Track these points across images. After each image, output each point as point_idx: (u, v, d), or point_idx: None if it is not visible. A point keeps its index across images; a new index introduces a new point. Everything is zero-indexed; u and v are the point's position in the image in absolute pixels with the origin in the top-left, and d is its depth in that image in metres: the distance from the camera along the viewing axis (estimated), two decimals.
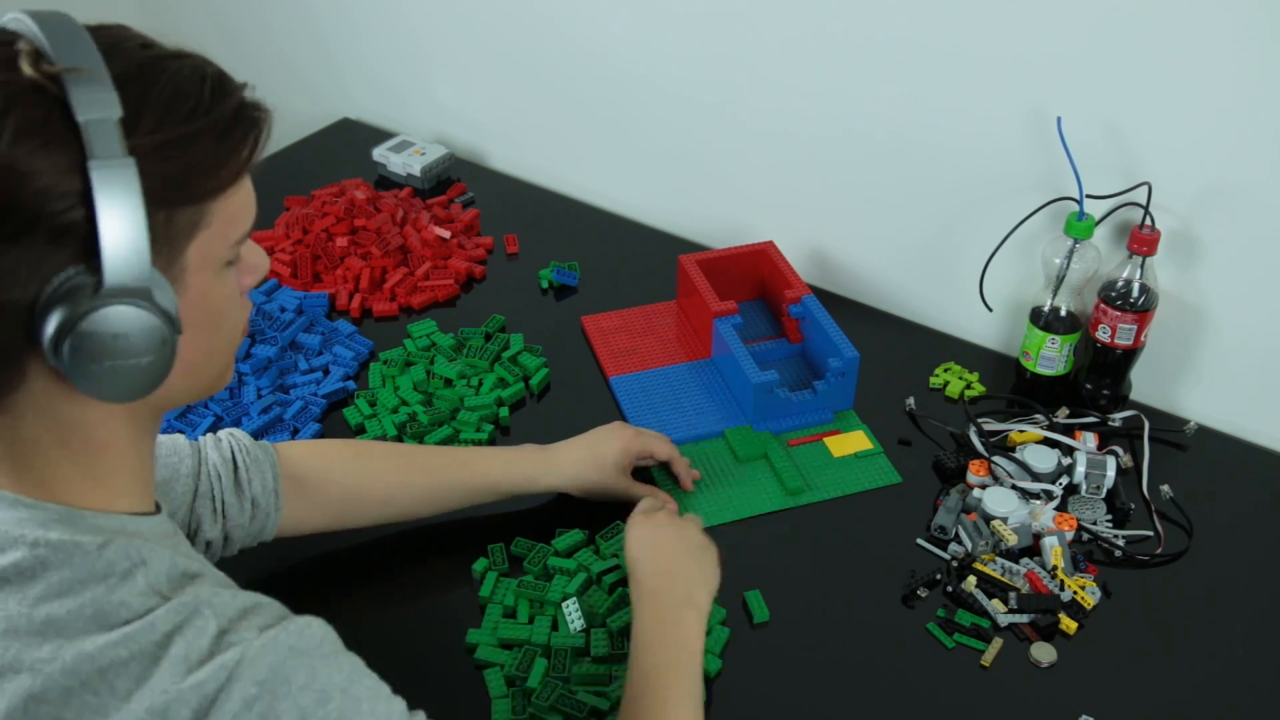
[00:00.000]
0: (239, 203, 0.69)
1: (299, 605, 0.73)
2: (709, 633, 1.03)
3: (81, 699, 0.63)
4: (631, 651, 0.92)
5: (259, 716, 0.65)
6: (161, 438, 0.94)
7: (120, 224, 0.61)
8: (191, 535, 0.96)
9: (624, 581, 1.04)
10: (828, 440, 1.26)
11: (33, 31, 0.63)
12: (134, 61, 0.64)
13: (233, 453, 0.98)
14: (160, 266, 0.65)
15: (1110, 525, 1.16)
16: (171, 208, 0.64)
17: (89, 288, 0.62)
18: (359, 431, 1.27)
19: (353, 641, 1.07)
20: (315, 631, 0.69)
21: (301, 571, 1.11)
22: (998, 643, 1.04)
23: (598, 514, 1.15)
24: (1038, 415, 1.28)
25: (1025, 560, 1.10)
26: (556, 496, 1.17)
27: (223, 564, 1.04)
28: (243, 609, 0.68)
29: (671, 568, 0.99)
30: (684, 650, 0.92)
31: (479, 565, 1.09)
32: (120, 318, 0.63)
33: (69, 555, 0.66)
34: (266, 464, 1.00)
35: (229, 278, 0.71)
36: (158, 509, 0.77)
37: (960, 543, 1.13)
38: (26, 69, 0.61)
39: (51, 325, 0.62)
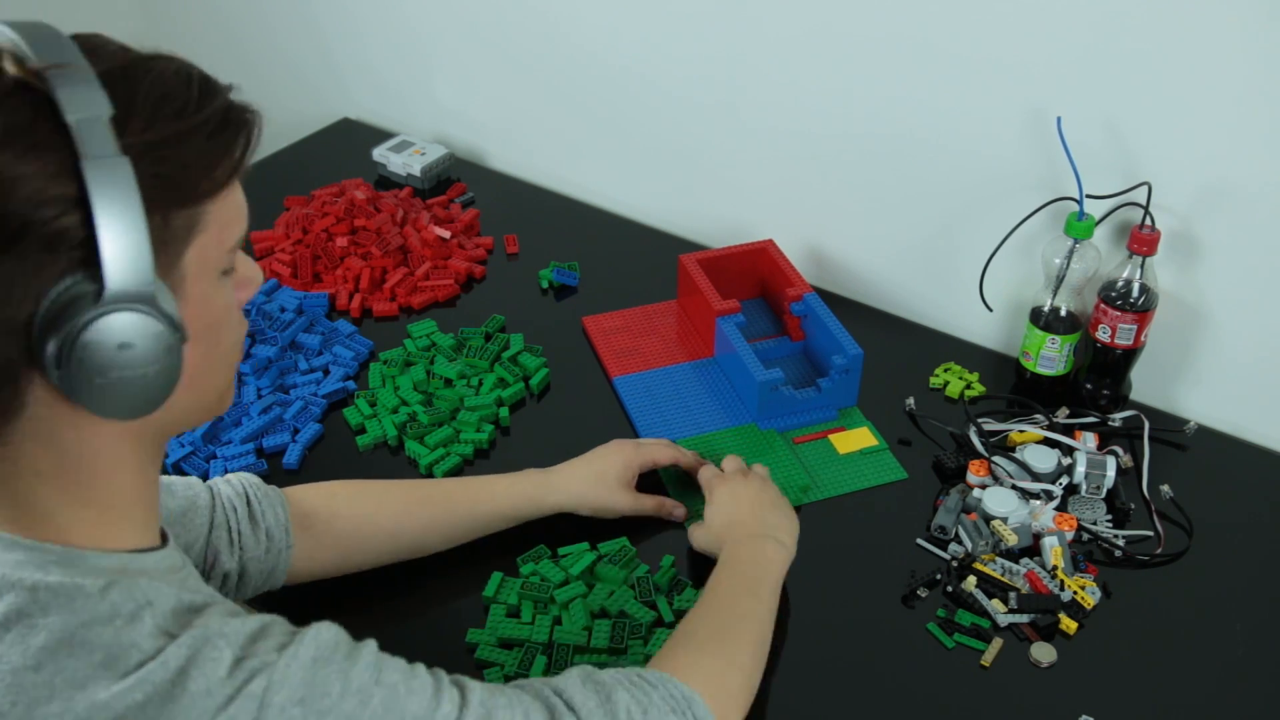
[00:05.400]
0: (233, 206, 0.68)
1: (306, 610, 0.73)
2: None
3: None
4: (710, 581, 0.97)
5: None
6: (174, 477, 0.93)
7: (119, 226, 0.59)
8: (209, 568, 0.94)
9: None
10: (833, 438, 1.26)
11: (10, 37, 0.61)
12: (117, 62, 0.62)
13: (244, 488, 0.98)
14: (159, 273, 0.62)
15: (1110, 525, 1.16)
16: (167, 210, 0.62)
17: (89, 296, 0.59)
18: (359, 432, 1.27)
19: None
20: (328, 636, 0.68)
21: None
22: (998, 643, 1.04)
23: (601, 532, 1.15)
24: (1038, 415, 1.28)
25: (1025, 560, 1.11)
26: (563, 516, 1.16)
27: None
28: (253, 633, 0.66)
29: (753, 513, 1.05)
30: (762, 574, 0.98)
31: (490, 588, 1.08)
32: (125, 325, 0.60)
33: (70, 599, 0.63)
34: (277, 500, 0.99)
35: (226, 288, 0.70)
36: (164, 540, 0.74)
37: (960, 543, 1.13)
38: (10, 67, 0.59)
39: (53, 339, 0.59)
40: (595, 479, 1.12)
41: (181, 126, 0.63)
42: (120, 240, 0.59)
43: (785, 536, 1.03)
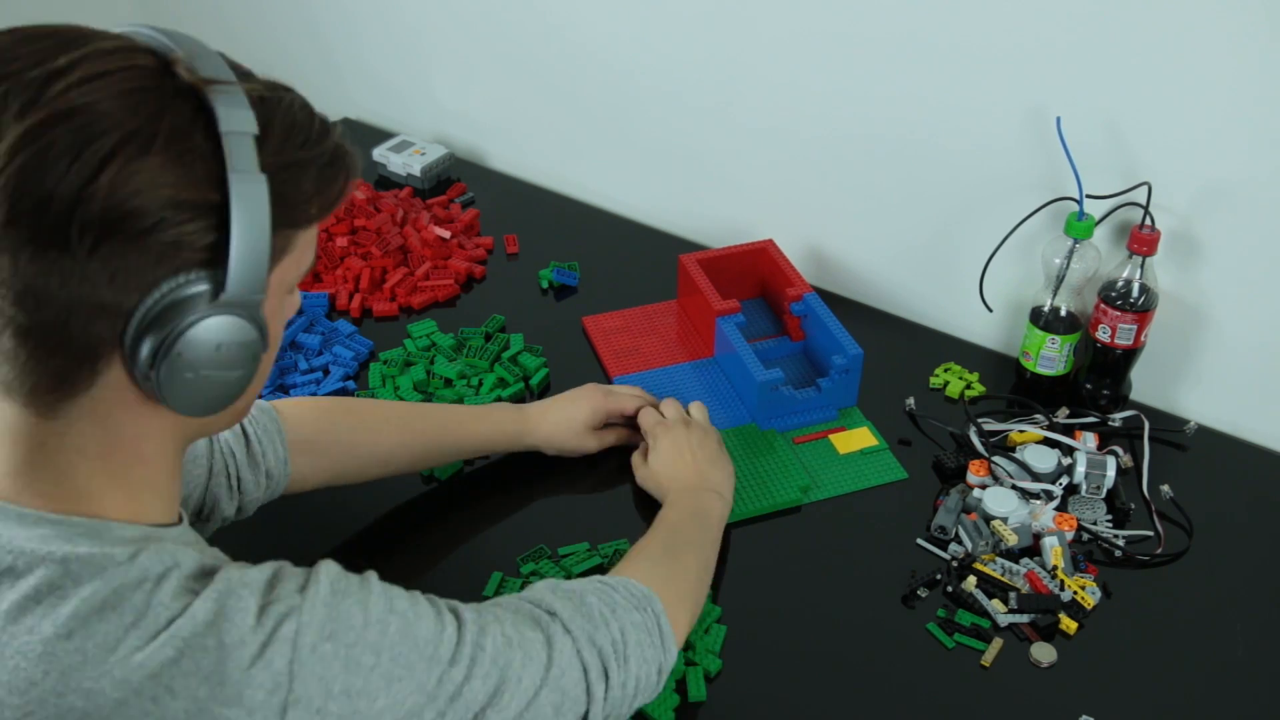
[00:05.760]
0: (315, 235, 0.72)
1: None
2: (706, 631, 1.04)
3: (139, 706, 0.62)
4: (659, 515, 1.05)
5: (344, 666, 0.67)
6: None
7: (250, 237, 0.63)
8: (208, 514, 0.96)
9: None
10: (833, 437, 1.26)
11: (159, 39, 0.65)
12: (255, 86, 0.66)
13: (241, 425, 0.98)
14: None
15: (1110, 525, 1.16)
16: (275, 229, 0.66)
17: (201, 296, 0.63)
18: None
19: None
20: (334, 568, 0.72)
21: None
22: (998, 643, 1.04)
23: (600, 526, 1.16)
24: (1038, 415, 1.28)
25: (1025, 560, 1.11)
26: (563, 517, 1.18)
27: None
28: (270, 579, 0.69)
29: (695, 467, 1.12)
30: (705, 519, 1.06)
31: (490, 588, 1.09)
32: (229, 328, 0.65)
33: (100, 568, 0.65)
34: (275, 432, 1.01)
35: (286, 306, 0.74)
36: (180, 519, 0.76)
37: (960, 543, 1.13)
38: (184, 74, 0.63)
39: (155, 331, 0.63)
40: (566, 423, 1.18)
41: (304, 155, 0.67)
42: (248, 249, 0.63)
43: (724, 490, 1.12)
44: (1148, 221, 1.19)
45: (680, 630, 0.92)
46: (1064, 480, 1.18)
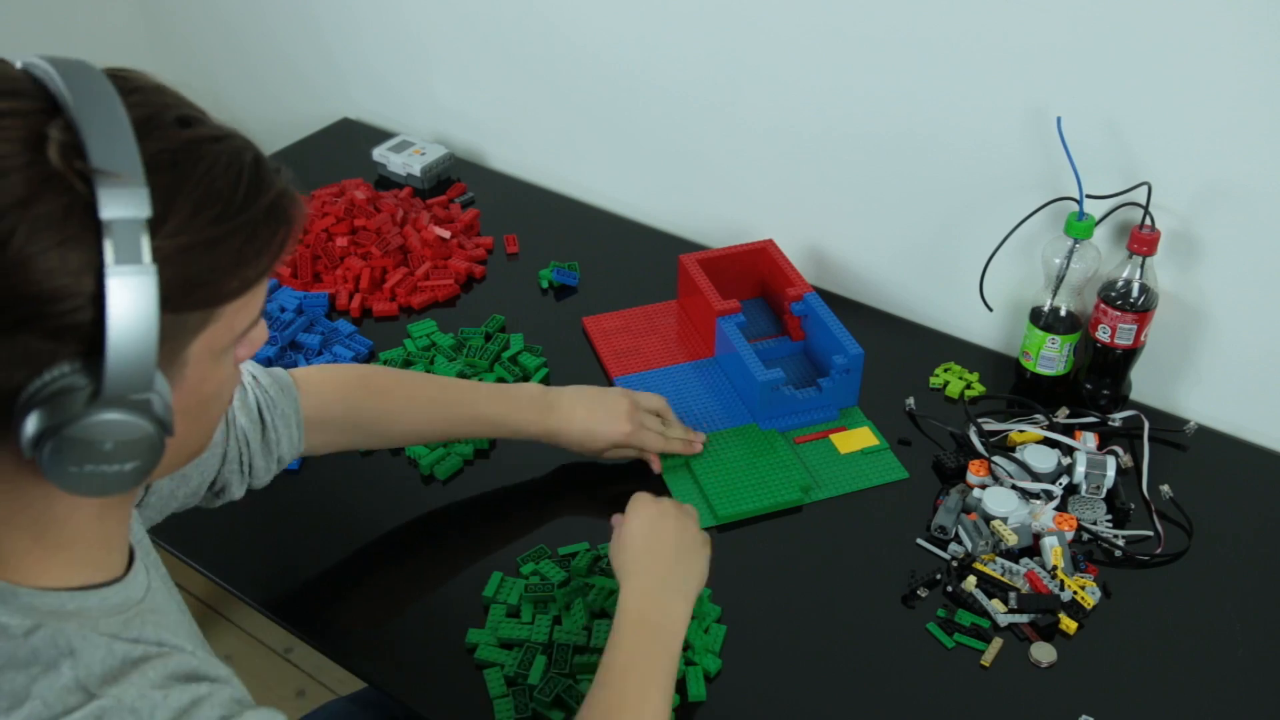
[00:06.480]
0: (253, 296, 0.64)
1: (303, 608, 0.73)
2: (706, 631, 1.03)
3: None
4: (613, 629, 0.91)
5: None
6: None
7: (130, 334, 0.55)
8: (218, 491, 0.97)
9: None
10: (834, 437, 1.26)
11: (59, 89, 0.56)
12: (169, 145, 0.58)
13: (259, 409, 0.97)
14: (160, 365, 0.59)
15: (1110, 525, 1.16)
16: (182, 311, 0.59)
17: (83, 391, 0.56)
18: None
19: (354, 639, 1.07)
20: None
21: (308, 579, 1.11)
22: (998, 643, 1.04)
23: (600, 525, 1.15)
24: (1038, 415, 1.28)
25: (1025, 560, 1.11)
26: (563, 518, 1.19)
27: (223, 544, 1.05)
28: (179, 710, 0.61)
29: (669, 556, 0.97)
30: (665, 642, 0.91)
31: (490, 588, 1.09)
32: (113, 426, 0.58)
33: None
34: (292, 414, 1.00)
35: (227, 359, 0.67)
36: (130, 565, 0.71)
37: (960, 543, 1.13)
38: (53, 158, 0.55)
39: (35, 422, 0.56)
40: (587, 436, 1.17)
41: (218, 231, 0.59)
42: (127, 348, 0.56)
43: (694, 590, 0.97)
44: (1148, 221, 1.19)
45: None
46: (1064, 480, 1.18)
